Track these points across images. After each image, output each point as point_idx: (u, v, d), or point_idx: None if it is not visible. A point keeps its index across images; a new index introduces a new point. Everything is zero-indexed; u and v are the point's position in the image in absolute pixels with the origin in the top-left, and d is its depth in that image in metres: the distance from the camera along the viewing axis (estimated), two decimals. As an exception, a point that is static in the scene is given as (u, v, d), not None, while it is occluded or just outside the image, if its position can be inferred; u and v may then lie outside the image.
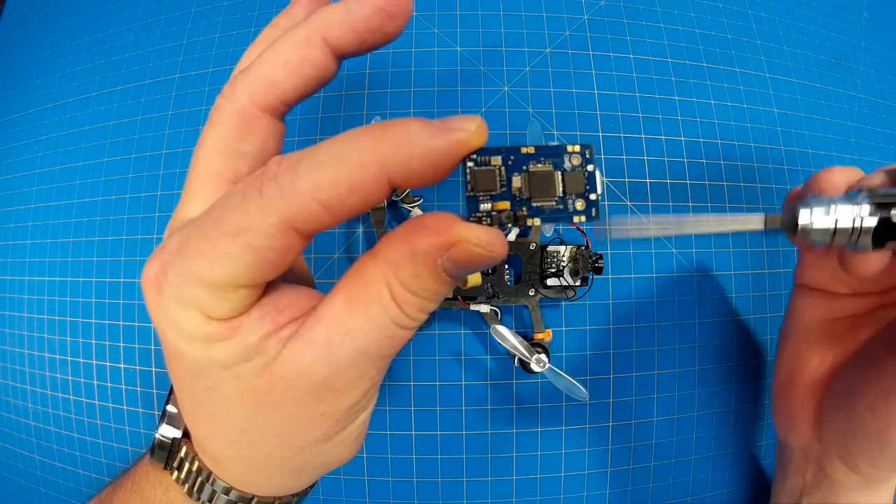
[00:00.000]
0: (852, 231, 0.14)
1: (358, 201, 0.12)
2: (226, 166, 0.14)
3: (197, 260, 0.12)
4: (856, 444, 0.20)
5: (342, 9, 0.13)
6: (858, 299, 0.22)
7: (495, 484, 0.28)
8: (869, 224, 0.14)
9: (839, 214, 0.14)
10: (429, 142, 0.12)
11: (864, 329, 0.22)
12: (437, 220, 0.12)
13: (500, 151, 0.14)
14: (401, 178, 0.12)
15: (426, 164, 0.12)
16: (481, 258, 0.12)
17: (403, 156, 0.12)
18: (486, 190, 0.14)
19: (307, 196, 0.11)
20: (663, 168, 0.29)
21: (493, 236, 0.12)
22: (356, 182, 0.11)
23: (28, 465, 0.31)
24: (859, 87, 0.34)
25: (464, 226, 0.12)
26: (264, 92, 0.14)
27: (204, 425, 0.16)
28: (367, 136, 0.12)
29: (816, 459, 0.23)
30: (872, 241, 0.15)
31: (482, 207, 0.14)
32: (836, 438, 0.21)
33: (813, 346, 0.23)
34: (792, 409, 0.23)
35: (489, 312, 0.26)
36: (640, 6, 0.32)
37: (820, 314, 0.23)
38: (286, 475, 0.17)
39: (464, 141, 0.12)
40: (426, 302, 0.13)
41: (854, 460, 0.21)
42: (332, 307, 0.13)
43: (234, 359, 0.13)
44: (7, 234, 0.32)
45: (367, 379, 0.14)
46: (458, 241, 0.12)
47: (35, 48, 0.36)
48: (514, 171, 0.14)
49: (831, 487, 0.23)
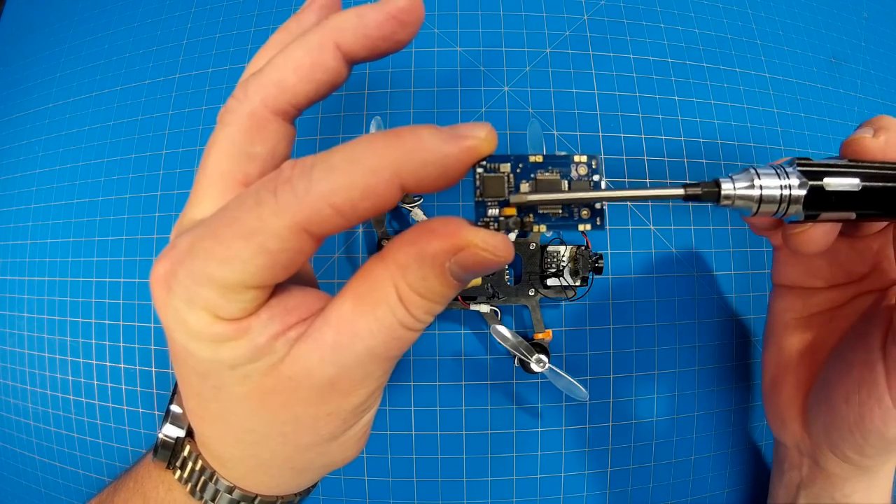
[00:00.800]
0: (780, 199, 0.14)
1: (370, 206, 0.12)
2: (236, 168, 0.15)
3: (208, 260, 0.12)
4: (839, 434, 0.21)
5: (355, 15, 0.14)
6: (833, 292, 0.22)
7: (495, 484, 0.28)
8: (798, 193, 0.14)
9: (764, 183, 0.14)
10: (440, 148, 0.12)
11: (841, 322, 0.22)
12: (446, 225, 0.12)
13: (509, 159, 0.14)
14: (413, 184, 0.12)
15: (438, 170, 0.12)
16: (488, 262, 0.12)
17: (416, 162, 0.12)
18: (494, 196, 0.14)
19: (321, 200, 0.12)
20: (663, 168, 0.29)
21: (500, 241, 0.12)
22: (369, 187, 0.12)
23: (28, 465, 0.31)
24: (859, 87, 0.34)
25: (472, 230, 0.12)
26: (276, 96, 0.14)
27: (209, 424, 0.16)
28: (381, 142, 0.12)
29: (809, 453, 0.23)
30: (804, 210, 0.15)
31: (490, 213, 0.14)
32: (821, 431, 0.22)
33: (794, 344, 0.24)
34: (781, 408, 0.24)
35: (489, 312, 0.26)
36: (640, 6, 0.32)
37: (798, 312, 0.23)
38: (290, 474, 0.17)
39: (474, 148, 0.12)
40: (433, 304, 0.13)
41: (841, 450, 0.21)
42: (340, 308, 0.13)
43: (242, 359, 0.13)
44: (7, 234, 0.32)
45: (373, 380, 0.14)
46: (466, 245, 0.12)
47: (35, 48, 0.36)
48: (523, 178, 0.14)
49: (827, 479, 0.23)
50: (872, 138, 0.16)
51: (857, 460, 0.21)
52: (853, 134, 0.17)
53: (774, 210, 0.15)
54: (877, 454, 0.20)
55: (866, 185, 0.15)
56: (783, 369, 0.24)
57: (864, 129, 0.17)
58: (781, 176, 0.15)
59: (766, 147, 0.31)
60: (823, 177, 0.15)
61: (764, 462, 0.30)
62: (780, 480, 0.26)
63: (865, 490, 0.23)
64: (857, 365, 0.19)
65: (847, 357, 0.20)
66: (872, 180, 0.15)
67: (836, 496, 0.23)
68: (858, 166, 0.15)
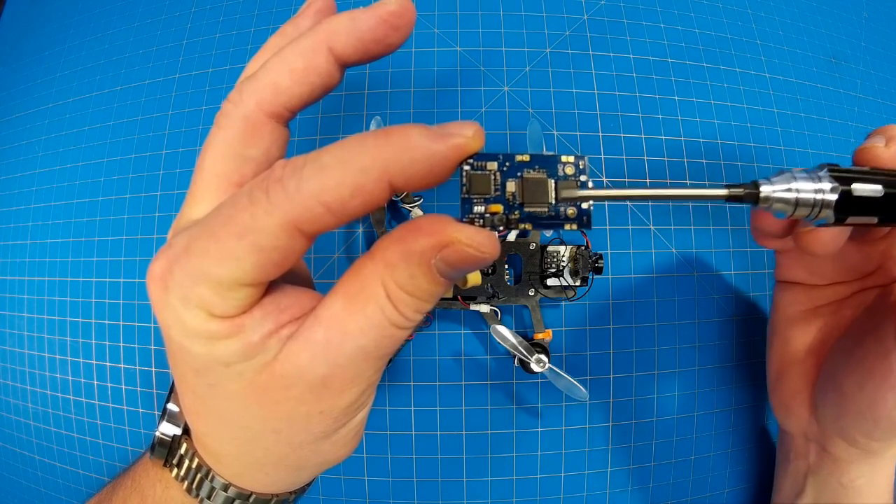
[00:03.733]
0: (814, 203, 0.15)
1: (360, 204, 0.12)
2: (231, 170, 0.15)
3: (203, 259, 0.13)
4: (850, 420, 0.21)
5: (347, 19, 0.14)
6: (837, 287, 0.23)
7: (495, 484, 0.28)
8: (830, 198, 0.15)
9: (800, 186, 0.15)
10: (428, 146, 0.12)
11: (847, 312, 0.23)
12: (432, 222, 0.13)
13: (497, 157, 0.14)
14: (402, 182, 0.12)
15: (426, 167, 0.12)
16: (473, 259, 0.13)
17: (404, 160, 0.12)
18: (480, 193, 0.14)
19: (312, 198, 0.12)
20: (663, 168, 0.29)
21: (484, 237, 0.13)
22: (359, 185, 0.12)
23: (28, 465, 0.31)
24: (859, 87, 0.34)
25: (456, 227, 0.12)
26: (270, 99, 0.14)
27: (205, 421, 0.16)
28: (370, 141, 0.12)
29: (817, 440, 0.24)
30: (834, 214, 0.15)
31: (476, 210, 0.14)
32: (831, 417, 0.22)
33: (799, 336, 0.24)
34: (787, 397, 0.25)
35: (489, 312, 0.26)
36: (640, 6, 0.32)
37: (802, 305, 0.24)
38: (284, 472, 0.17)
39: (461, 146, 0.12)
40: (421, 302, 0.13)
41: (851, 435, 0.22)
42: (331, 307, 0.14)
43: (236, 356, 0.14)
44: (7, 234, 0.32)
45: (365, 378, 0.15)
46: (451, 241, 0.12)
47: (35, 48, 0.36)
48: (509, 176, 0.14)
49: (834, 464, 0.24)
50: (885, 147, 0.17)
51: (864, 444, 0.22)
52: (865, 142, 0.18)
53: (807, 213, 0.15)
54: (884, 437, 0.21)
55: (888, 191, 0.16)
56: (789, 361, 0.25)
57: (876, 138, 0.18)
58: (815, 180, 0.15)
59: (766, 147, 0.31)
60: (852, 182, 0.15)
61: (764, 462, 0.30)
62: (786, 471, 0.26)
63: (869, 474, 0.23)
64: (870, 354, 0.20)
65: (858, 347, 0.21)
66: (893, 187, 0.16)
67: (843, 480, 0.24)
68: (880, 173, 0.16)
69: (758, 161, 0.31)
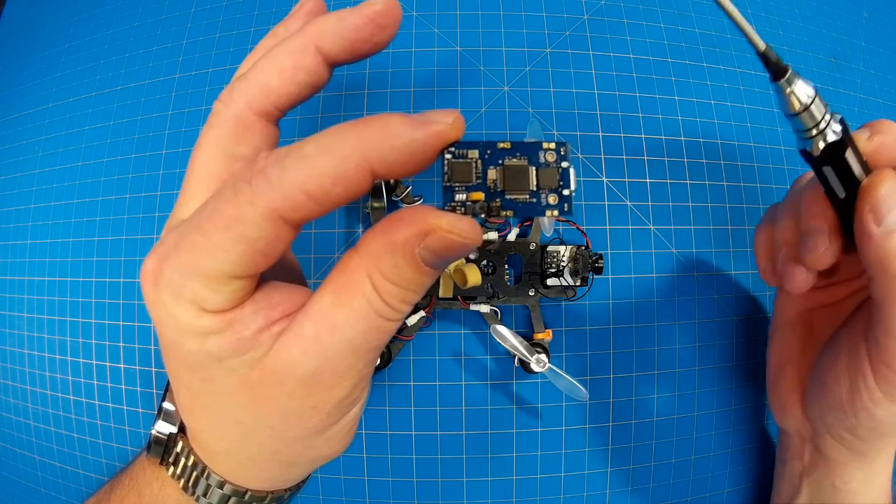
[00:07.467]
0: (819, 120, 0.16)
1: (342, 191, 0.12)
2: (222, 168, 0.15)
3: (192, 254, 0.13)
4: (833, 415, 0.22)
5: (335, 19, 0.14)
6: (832, 289, 0.24)
7: (495, 484, 0.28)
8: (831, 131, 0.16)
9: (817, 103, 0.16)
10: (408, 134, 0.12)
11: (841, 314, 0.23)
12: (413, 212, 0.13)
13: (478, 145, 0.15)
14: (382, 169, 0.12)
15: (406, 154, 0.12)
16: (455, 245, 0.13)
17: (384, 147, 0.12)
18: (462, 181, 0.14)
19: (294, 187, 0.12)
20: (663, 168, 0.29)
21: (466, 224, 0.13)
22: (340, 173, 0.12)
23: (28, 465, 0.31)
24: (859, 87, 0.34)
25: (437, 215, 0.13)
26: (260, 98, 0.15)
27: (199, 417, 0.17)
28: (350, 130, 0.12)
29: (811, 439, 0.24)
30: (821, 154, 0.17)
31: (457, 197, 0.14)
32: (818, 413, 0.23)
33: (796, 336, 0.25)
34: (783, 396, 0.25)
35: (489, 312, 0.26)
36: (640, 6, 0.32)
37: (800, 306, 0.25)
38: (279, 468, 0.17)
39: (441, 133, 0.13)
40: (407, 292, 0.14)
41: (837, 431, 0.22)
42: (320, 302, 0.14)
43: (229, 351, 0.14)
44: (7, 234, 0.32)
45: (356, 371, 0.15)
46: (433, 229, 0.13)
47: (35, 48, 0.36)
48: (491, 164, 0.15)
49: (828, 465, 0.24)
50: (867, 140, 0.18)
51: (851, 442, 0.22)
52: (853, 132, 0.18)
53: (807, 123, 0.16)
54: (869, 436, 0.21)
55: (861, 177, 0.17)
56: (785, 360, 0.25)
57: (862, 131, 0.18)
58: (829, 113, 0.16)
59: (766, 147, 0.31)
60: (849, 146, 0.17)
61: (764, 462, 0.30)
62: (784, 472, 0.26)
63: (864, 476, 0.23)
64: (845, 350, 0.21)
65: (837, 343, 0.22)
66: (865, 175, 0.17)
67: (837, 482, 0.24)
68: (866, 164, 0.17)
69: (758, 161, 0.31)
